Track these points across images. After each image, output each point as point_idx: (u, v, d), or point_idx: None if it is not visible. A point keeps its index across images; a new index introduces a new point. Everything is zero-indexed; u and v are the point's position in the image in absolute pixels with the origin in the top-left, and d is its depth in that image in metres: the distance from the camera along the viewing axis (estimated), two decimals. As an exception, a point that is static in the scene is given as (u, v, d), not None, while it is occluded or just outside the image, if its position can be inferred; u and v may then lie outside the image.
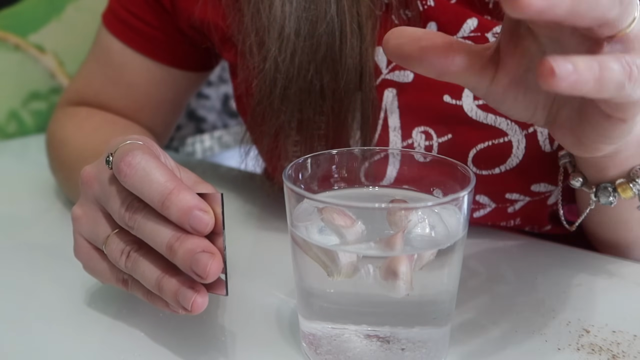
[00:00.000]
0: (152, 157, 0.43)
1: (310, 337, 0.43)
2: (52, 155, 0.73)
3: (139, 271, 0.44)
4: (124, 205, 0.44)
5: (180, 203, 0.41)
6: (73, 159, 0.67)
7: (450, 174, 0.44)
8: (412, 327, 0.41)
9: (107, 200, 0.46)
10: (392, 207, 0.40)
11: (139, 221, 0.43)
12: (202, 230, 0.41)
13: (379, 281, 0.39)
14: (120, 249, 0.45)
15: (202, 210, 0.41)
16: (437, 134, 0.57)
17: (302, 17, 0.56)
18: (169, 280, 0.43)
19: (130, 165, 0.42)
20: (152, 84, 0.72)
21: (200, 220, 0.41)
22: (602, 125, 0.37)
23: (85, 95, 0.74)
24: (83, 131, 0.70)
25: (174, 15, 0.66)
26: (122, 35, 0.70)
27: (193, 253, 0.41)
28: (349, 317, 0.42)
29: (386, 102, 0.58)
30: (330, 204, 0.40)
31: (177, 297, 0.42)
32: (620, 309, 0.51)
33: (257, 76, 0.58)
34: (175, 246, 0.41)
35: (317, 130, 0.58)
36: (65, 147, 0.70)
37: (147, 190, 0.42)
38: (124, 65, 0.71)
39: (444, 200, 0.39)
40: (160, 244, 0.42)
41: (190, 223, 0.41)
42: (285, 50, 0.56)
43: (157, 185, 0.42)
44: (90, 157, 0.65)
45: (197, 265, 0.40)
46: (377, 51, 0.58)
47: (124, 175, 0.43)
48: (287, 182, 0.41)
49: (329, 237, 0.41)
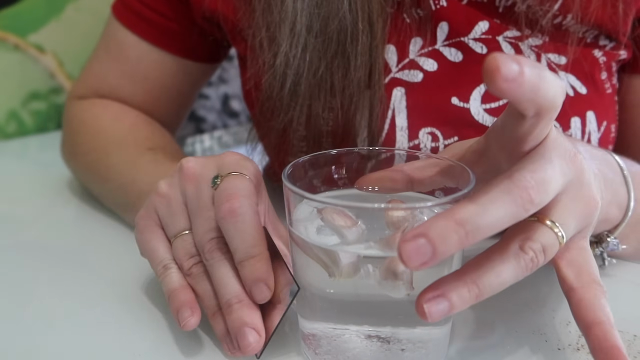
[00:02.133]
0: (254, 214, 0.45)
1: (310, 337, 0.43)
2: (79, 141, 0.71)
3: (200, 286, 0.47)
4: (210, 234, 0.46)
5: (253, 270, 0.44)
6: (112, 146, 0.68)
7: (451, 174, 0.43)
8: (414, 327, 0.41)
9: (197, 215, 0.47)
10: (391, 207, 0.40)
11: (215, 260, 0.46)
12: (256, 301, 0.44)
13: (379, 281, 0.39)
14: (193, 252, 0.47)
15: (266, 286, 0.44)
16: (444, 136, 0.57)
17: (314, 14, 0.56)
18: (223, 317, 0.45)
19: (234, 213, 0.45)
20: (168, 77, 0.71)
21: (261, 293, 0.44)
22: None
23: (101, 90, 0.73)
24: (122, 125, 0.70)
25: (187, 5, 0.66)
26: (136, 27, 0.69)
27: (244, 325, 0.44)
28: (348, 317, 0.41)
29: (394, 101, 0.58)
30: (329, 204, 0.40)
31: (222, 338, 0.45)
32: (620, 309, 0.50)
33: (267, 71, 0.58)
34: (234, 307, 0.44)
35: (325, 127, 0.58)
36: (98, 135, 0.70)
37: (236, 243, 0.44)
38: (139, 59, 0.70)
39: (443, 200, 0.39)
40: (222, 294, 0.45)
41: (252, 290, 0.44)
42: (296, 46, 0.56)
43: (244, 246, 0.44)
44: (131, 147, 0.67)
45: (242, 339, 0.43)
46: (387, 49, 0.58)
47: (222, 217, 0.45)
48: (287, 182, 0.41)
49: (328, 237, 0.41)
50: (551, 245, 0.38)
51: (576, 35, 0.57)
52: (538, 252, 0.38)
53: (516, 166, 0.37)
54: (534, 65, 0.33)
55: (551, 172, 0.37)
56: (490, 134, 0.42)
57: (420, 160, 0.45)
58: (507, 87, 0.32)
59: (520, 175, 0.36)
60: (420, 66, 0.58)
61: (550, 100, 0.35)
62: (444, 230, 0.34)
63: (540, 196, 0.36)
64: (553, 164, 0.38)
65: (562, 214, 0.39)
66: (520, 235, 0.38)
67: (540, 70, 0.33)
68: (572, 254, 0.42)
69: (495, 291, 0.37)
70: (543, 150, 0.38)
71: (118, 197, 0.65)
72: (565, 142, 0.40)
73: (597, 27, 0.57)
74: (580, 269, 0.41)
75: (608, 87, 0.59)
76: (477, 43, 0.58)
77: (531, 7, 0.56)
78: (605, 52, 0.59)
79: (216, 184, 0.47)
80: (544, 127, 0.37)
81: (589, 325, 0.39)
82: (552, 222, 0.39)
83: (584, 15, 0.56)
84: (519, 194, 0.35)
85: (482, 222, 0.34)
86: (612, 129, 0.60)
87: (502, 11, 0.57)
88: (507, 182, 0.36)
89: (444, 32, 0.58)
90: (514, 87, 0.32)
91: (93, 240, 0.64)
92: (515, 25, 0.57)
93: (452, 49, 0.58)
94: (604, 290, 0.41)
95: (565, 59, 0.58)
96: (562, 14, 0.56)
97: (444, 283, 0.37)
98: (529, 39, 0.57)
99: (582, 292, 0.40)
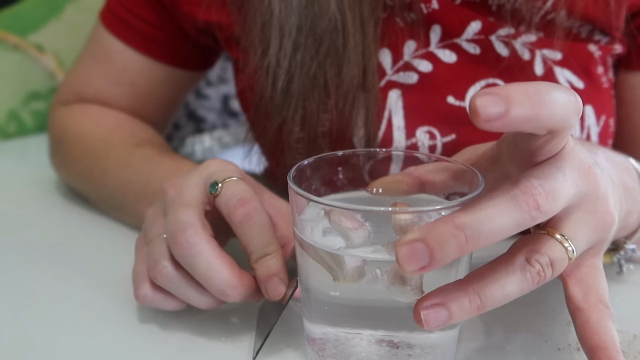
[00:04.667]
0: (266, 214, 0.46)
1: (314, 340, 0.43)
2: (65, 150, 0.71)
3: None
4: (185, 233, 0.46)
5: (270, 265, 0.45)
6: (99, 150, 0.67)
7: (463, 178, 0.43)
8: (424, 332, 0.40)
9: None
10: (399, 210, 0.39)
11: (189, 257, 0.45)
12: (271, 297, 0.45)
13: (387, 286, 0.38)
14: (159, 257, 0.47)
15: (281, 280, 0.45)
16: (441, 134, 0.57)
17: (302, 14, 0.56)
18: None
19: (249, 216, 0.45)
20: (155, 84, 0.72)
21: (276, 288, 0.45)
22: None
23: (84, 94, 0.73)
24: (104, 126, 0.70)
25: (173, 14, 0.66)
26: (122, 35, 0.70)
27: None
28: (356, 321, 0.41)
29: (391, 102, 0.58)
30: (336, 207, 0.39)
31: None
32: (620, 309, 0.50)
33: (259, 71, 0.58)
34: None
35: (321, 127, 0.58)
36: (84, 140, 0.69)
37: (253, 245, 0.45)
38: (125, 66, 0.71)
39: (451, 204, 0.38)
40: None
41: (267, 286, 0.45)
42: (286, 45, 0.56)
43: (261, 245, 0.45)
44: (119, 147, 0.66)
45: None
46: (382, 52, 0.58)
47: (239, 222, 0.46)
48: (293, 184, 0.40)
49: (333, 238, 0.40)
50: (560, 260, 0.37)
51: (570, 30, 0.57)
52: (545, 265, 0.36)
53: (524, 173, 0.36)
54: (533, 93, 0.32)
55: (562, 180, 0.36)
56: (503, 142, 0.41)
57: (432, 164, 0.44)
58: (491, 126, 0.31)
59: (527, 181, 0.35)
60: (415, 68, 0.58)
61: (560, 121, 0.34)
62: (443, 235, 0.33)
63: (549, 204, 0.35)
64: (564, 173, 0.37)
65: (573, 228, 0.38)
66: (527, 247, 0.37)
67: (540, 96, 0.32)
68: (582, 271, 0.40)
69: (499, 304, 0.36)
70: (555, 160, 0.37)
71: (116, 200, 0.65)
72: (582, 153, 0.38)
73: (590, 21, 0.57)
74: (589, 288, 0.39)
75: (605, 82, 0.59)
76: (470, 44, 0.58)
77: (524, 4, 0.56)
78: (601, 47, 0.59)
79: (216, 190, 0.47)
80: (558, 142, 0.36)
81: (594, 349, 0.38)
82: (562, 236, 0.37)
83: (575, 9, 0.56)
84: (524, 200, 0.34)
85: (483, 228, 0.33)
86: (611, 123, 0.60)
87: (495, 9, 0.57)
88: (511, 188, 0.35)
89: (437, 35, 0.58)
90: (500, 124, 0.31)
91: (93, 240, 0.64)
92: (507, 23, 0.57)
93: (446, 51, 0.58)
94: (612, 312, 0.39)
95: (561, 55, 0.58)
96: (554, 10, 0.57)
97: (445, 291, 0.36)
98: (522, 36, 0.57)
99: (589, 314, 0.38)
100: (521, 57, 0.57)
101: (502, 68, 0.57)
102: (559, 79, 0.57)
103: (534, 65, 0.57)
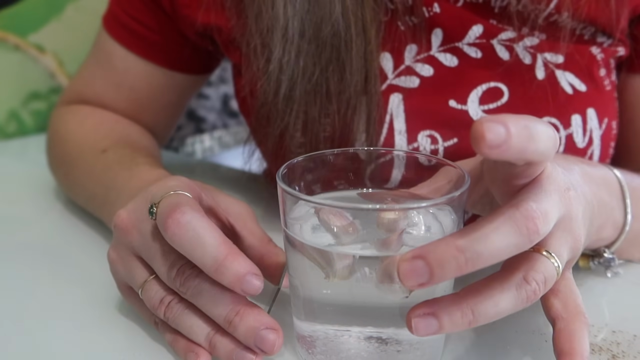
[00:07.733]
0: (202, 216, 0.42)
1: (304, 338, 0.43)
2: (53, 153, 0.73)
3: (184, 325, 0.44)
4: (174, 269, 0.43)
5: (232, 269, 0.41)
6: (74, 155, 0.68)
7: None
8: None
9: (152, 258, 0.45)
10: (386, 207, 0.40)
11: (192, 289, 0.43)
12: (251, 294, 0.41)
13: (376, 284, 0.39)
14: (159, 297, 0.45)
15: (255, 275, 0.41)
16: (443, 138, 0.57)
17: (305, 19, 0.56)
18: (221, 339, 0.43)
19: (180, 224, 0.41)
20: (155, 88, 0.72)
21: (252, 285, 0.41)
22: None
23: (86, 96, 0.74)
24: (84, 128, 0.70)
25: (174, 18, 0.66)
26: (124, 40, 0.70)
27: (257, 330, 0.41)
28: (345, 318, 0.41)
29: (392, 107, 0.58)
30: (323, 206, 0.40)
31: (232, 357, 0.43)
32: (620, 309, 0.51)
33: (262, 78, 0.58)
34: (236, 321, 0.42)
35: (323, 132, 0.58)
36: (66, 143, 0.70)
37: (200, 255, 0.41)
38: (126, 70, 0.71)
39: (437, 201, 0.39)
40: (217, 316, 0.43)
41: (243, 289, 0.41)
42: (289, 51, 0.56)
43: (210, 249, 0.41)
44: (88, 153, 0.66)
45: (264, 343, 0.42)
46: (383, 56, 0.58)
47: (171, 234, 0.42)
48: (281, 183, 0.41)
49: (322, 235, 0.40)
50: (551, 277, 0.39)
51: (573, 32, 0.57)
52: (540, 283, 0.38)
53: (520, 196, 0.37)
54: (523, 127, 0.33)
55: (552, 204, 0.38)
56: (484, 164, 0.42)
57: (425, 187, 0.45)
58: (492, 153, 0.32)
59: (527, 205, 0.36)
60: (416, 72, 0.58)
61: (540, 154, 0.35)
62: (443, 256, 0.34)
63: (545, 227, 0.37)
64: (552, 196, 0.38)
65: (557, 245, 0.40)
66: (523, 266, 0.38)
67: (529, 131, 0.34)
68: (559, 284, 0.42)
69: (490, 320, 0.37)
70: (541, 184, 0.38)
71: (89, 209, 0.66)
72: (559, 176, 0.40)
73: (591, 23, 0.57)
74: (567, 299, 0.41)
75: (607, 84, 0.59)
76: (472, 48, 0.58)
77: (527, 6, 0.56)
78: (603, 49, 0.59)
79: (153, 213, 0.44)
80: (536, 169, 0.38)
81: (564, 353, 0.39)
82: (549, 253, 0.39)
83: (578, 11, 0.56)
84: (525, 224, 0.35)
85: (483, 251, 0.34)
86: (614, 126, 0.60)
87: (498, 11, 0.57)
88: (513, 211, 0.36)
89: (438, 38, 0.58)
90: (499, 152, 0.32)
91: (93, 240, 0.63)
92: (511, 25, 0.57)
93: (448, 55, 0.58)
94: (588, 321, 0.41)
95: (562, 58, 0.58)
96: (558, 11, 0.57)
97: (439, 303, 0.37)
98: (524, 39, 0.57)
99: (567, 322, 0.41)
100: (522, 61, 0.57)
101: (503, 72, 0.57)
102: (561, 82, 0.57)
103: (535, 69, 0.57)
